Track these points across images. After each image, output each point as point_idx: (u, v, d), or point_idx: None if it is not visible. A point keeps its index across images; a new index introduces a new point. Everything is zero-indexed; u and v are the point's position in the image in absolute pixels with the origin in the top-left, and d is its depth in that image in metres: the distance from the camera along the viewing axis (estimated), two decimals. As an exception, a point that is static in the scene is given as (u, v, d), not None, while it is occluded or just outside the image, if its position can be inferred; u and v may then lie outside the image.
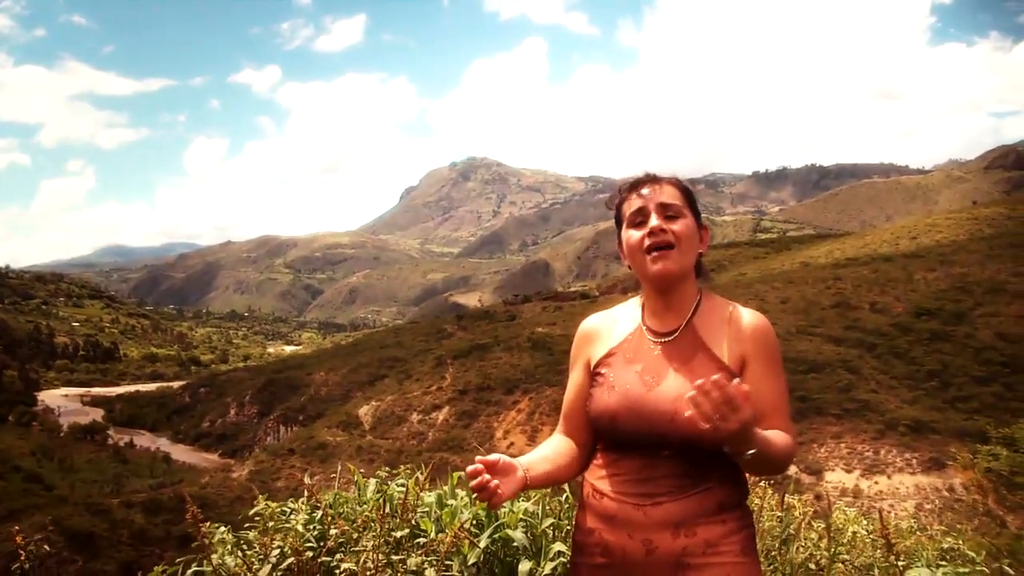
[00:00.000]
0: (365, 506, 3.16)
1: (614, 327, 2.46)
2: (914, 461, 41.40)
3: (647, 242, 2.29)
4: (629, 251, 2.35)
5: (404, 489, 3.24)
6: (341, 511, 3.15)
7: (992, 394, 47.61)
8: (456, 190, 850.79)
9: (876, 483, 40.89)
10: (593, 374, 2.41)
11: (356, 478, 3.38)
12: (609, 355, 2.38)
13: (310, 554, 2.93)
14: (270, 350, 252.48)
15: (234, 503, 44.70)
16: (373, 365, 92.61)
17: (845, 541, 4.18)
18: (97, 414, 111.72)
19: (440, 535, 2.90)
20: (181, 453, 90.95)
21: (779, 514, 4.20)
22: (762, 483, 4.47)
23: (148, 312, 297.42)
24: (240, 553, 2.97)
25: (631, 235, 2.34)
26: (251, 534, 3.14)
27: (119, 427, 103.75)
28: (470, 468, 2.13)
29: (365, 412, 67.83)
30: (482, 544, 2.84)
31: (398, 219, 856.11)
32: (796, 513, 4.29)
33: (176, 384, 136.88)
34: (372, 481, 3.38)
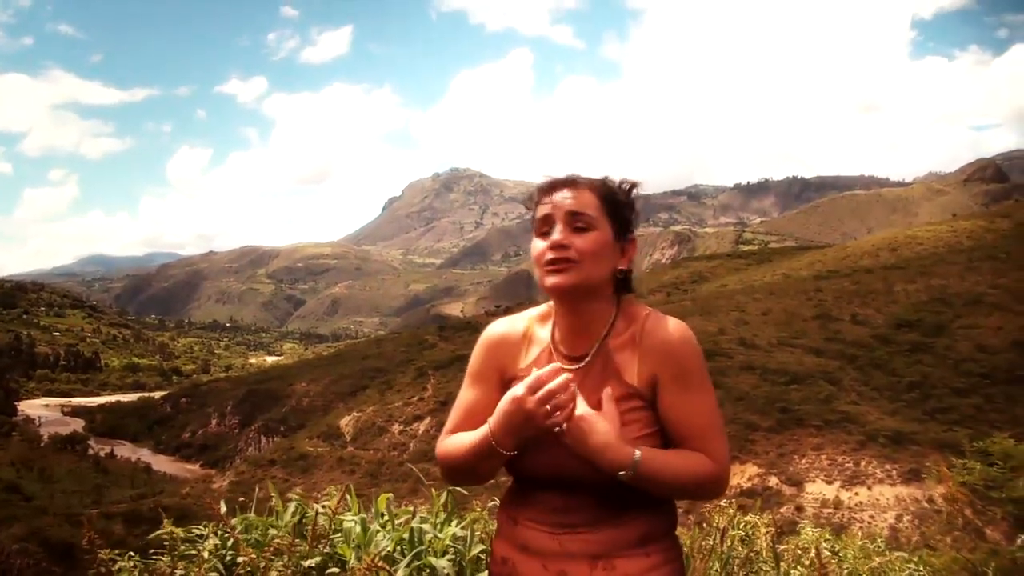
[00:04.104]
0: (278, 531, 2.94)
1: (525, 345, 2.17)
2: (894, 472, 41.41)
3: (547, 256, 2.00)
4: (533, 261, 2.05)
5: (323, 511, 2.97)
6: (251, 537, 2.92)
7: (972, 405, 47.93)
8: (439, 201, 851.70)
9: (856, 494, 40.86)
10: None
11: (274, 499, 3.14)
12: (516, 379, 2.05)
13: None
14: (252, 360, 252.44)
15: (214, 516, 44.41)
16: (355, 376, 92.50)
17: (807, 563, 4.03)
18: (78, 424, 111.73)
19: (358, 563, 2.67)
20: (162, 464, 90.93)
21: (742, 534, 4.06)
22: (723, 502, 4.19)
23: (130, 322, 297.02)
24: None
25: (535, 245, 2.05)
26: (162, 560, 2.94)
27: (100, 437, 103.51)
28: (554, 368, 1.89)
29: (346, 423, 67.64)
30: (400, 574, 2.64)
31: (381, 230, 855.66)
32: (761, 532, 4.14)
33: (157, 394, 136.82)
34: (292, 503, 3.12)
